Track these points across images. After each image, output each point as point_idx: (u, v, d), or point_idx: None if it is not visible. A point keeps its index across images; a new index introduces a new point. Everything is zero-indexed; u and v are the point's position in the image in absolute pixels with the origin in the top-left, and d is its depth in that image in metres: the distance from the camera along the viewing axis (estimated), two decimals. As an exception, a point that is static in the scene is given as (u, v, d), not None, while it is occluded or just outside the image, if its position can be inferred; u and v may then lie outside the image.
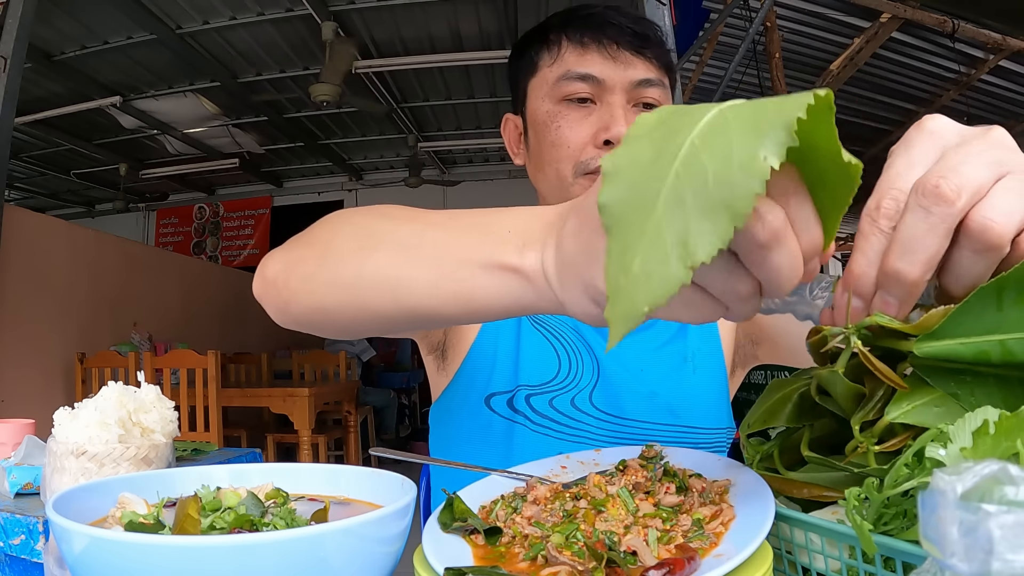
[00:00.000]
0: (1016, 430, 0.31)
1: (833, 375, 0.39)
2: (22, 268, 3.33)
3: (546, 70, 0.85)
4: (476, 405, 0.86)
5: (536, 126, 0.86)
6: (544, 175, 0.85)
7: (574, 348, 0.88)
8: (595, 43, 0.82)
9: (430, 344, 0.90)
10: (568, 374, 0.87)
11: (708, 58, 4.44)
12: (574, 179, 0.82)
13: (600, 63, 0.81)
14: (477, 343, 0.88)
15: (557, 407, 0.85)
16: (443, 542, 0.44)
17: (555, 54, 0.84)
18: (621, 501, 0.46)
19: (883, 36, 4.10)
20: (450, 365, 0.89)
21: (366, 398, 5.51)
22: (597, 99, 0.82)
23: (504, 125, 0.95)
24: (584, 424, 0.85)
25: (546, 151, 0.84)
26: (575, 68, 0.82)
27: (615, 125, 0.79)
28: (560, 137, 0.82)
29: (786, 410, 0.47)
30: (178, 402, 1.87)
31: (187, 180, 7.50)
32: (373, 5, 4.25)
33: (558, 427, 0.84)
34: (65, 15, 4.14)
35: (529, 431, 0.84)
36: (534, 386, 0.85)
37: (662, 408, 0.87)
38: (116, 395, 0.74)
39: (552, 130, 0.82)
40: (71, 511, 0.38)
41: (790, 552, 0.43)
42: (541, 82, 0.86)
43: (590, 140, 0.81)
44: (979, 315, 0.34)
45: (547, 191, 0.87)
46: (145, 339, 4.28)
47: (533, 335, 0.88)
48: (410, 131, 6.21)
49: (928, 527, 0.22)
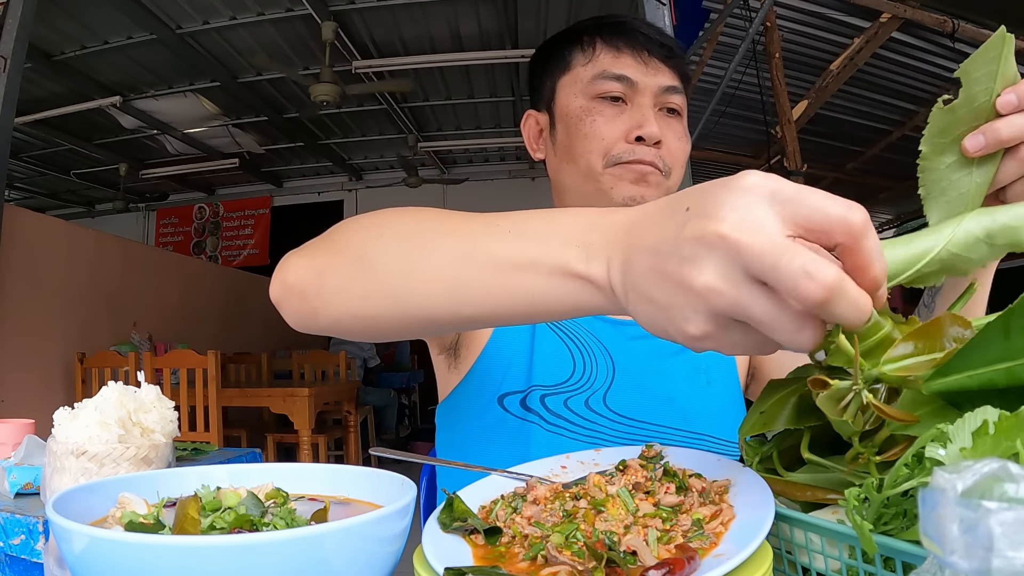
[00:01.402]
0: (1016, 430, 0.31)
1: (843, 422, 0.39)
2: (22, 268, 3.33)
3: (580, 69, 0.90)
4: (488, 404, 0.87)
5: (568, 119, 0.90)
6: (574, 166, 0.89)
7: (588, 350, 0.90)
8: (629, 48, 0.88)
9: (442, 344, 0.91)
10: (583, 375, 0.88)
11: (708, 58, 4.44)
12: (603, 169, 0.86)
13: (633, 66, 0.87)
14: (492, 342, 0.89)
15: (572, 407, 0.86)
16: (443, 542, 0.44)
17: (590, 55, 0.90)
18: (621, 501, 0.46)
19: (883, 36, 4.10)
20: (462, 364, 0.90)
21: (366, 398, 5.51)
22: (628, 99, 0.88)
23: (524, 121, 0.99)
24: (598, 425, 0.86)
25: (578, 143, 0.88)
26: (611, 68, 0.87)
27: (648, 124, 0.85)
28: (595, 130, 0.87)
29: (784, 413, 0.47)
30: (178, 402, 1.87)
31: (187, 180, 7.51)
32: (373, 5, 4.25)
33: (572, 427, 0.85)
34: (65, 15, 4.15)
35: (543, 431, 0.85)
36: (549, 386, 0.87)
37: (677, 413, 0.89)
38: (116, 395, 0.74)
39: (587, 123, 0.87)
40: (71, 511, 0.38)
41: (790, 552, 0.43)
42: (574, 79, 0.90)
43: (622, 136, 0.86)
44: (986, 348, 0.35)
45: (572, 181, 0.91)
46: (145, 339, 4.28)
47: (548, 336, 0.90)
48: (410, 131, 6.21)
49: (928, 525, 0.22)
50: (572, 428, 0.85)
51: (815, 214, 0.32)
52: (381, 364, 6.33)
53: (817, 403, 0.39)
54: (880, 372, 0.36)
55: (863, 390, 0.37)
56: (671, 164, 0.88)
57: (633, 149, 0.85)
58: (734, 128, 5.34)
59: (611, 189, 0.86)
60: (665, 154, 0.87)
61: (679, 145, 0.89)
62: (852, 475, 0.41)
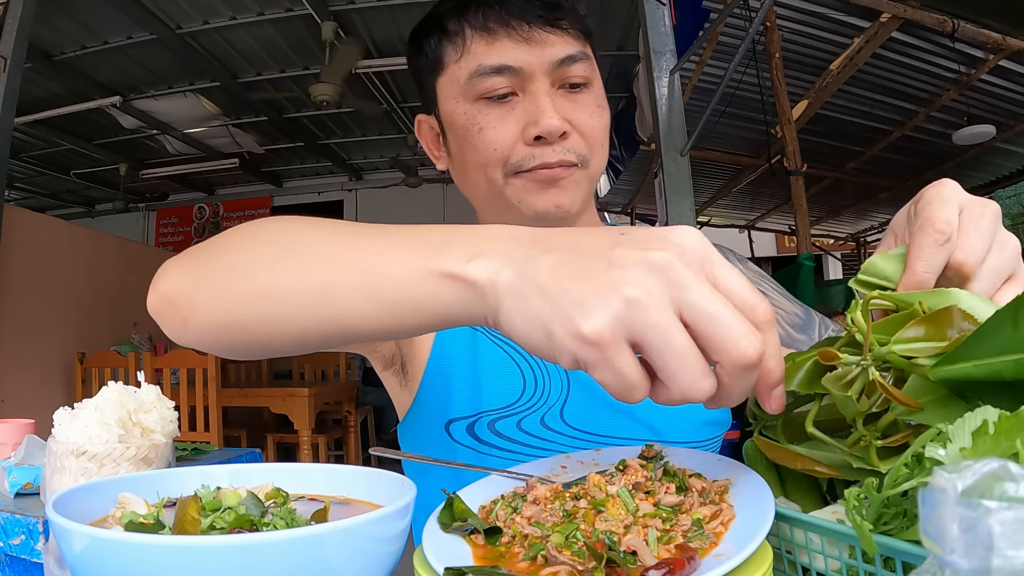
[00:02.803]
0: (1016, 430, 0.31)
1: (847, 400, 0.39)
2: (22, 268, 3.33)
3: (454, 67, 0.75)
4: (438, 432, 0.78)
5: (455, 130, 0.77)
6: (472, 182, 0.78)
7: (539, 363, 0.80)
8: (502, 26, 0.72)
9: (383, 359, 0.83)
10: (535, 391, 0.79)
11: (708, 58, 4.44)
12: (505, 180, 0.74)
13: (513, 49, 0.72)
14: (432, 360, 0.80)
15: (526, 429, 0.77)
16: (443, 542, 0.44)
17: (460, 47, 0.75)
18: (621, 501, 0.46)
19: (883, 36, 4.10)
20: (411, 382, 0.82)
21: (366, 398, 5.50)
22: (518, 90, 0.73)
23: (418, 128, 0.86)
24: (556, 444, 0.77)
25: (470, 156, 0.75)
26: (486, 61, 0.72)
27: (543, 117, 0.71)
28: (484, 140, 0.73)
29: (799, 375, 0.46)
30: (178, 402, 1.87)
31: (187, 180, 7.50)
32: (373, 5, 4.25)
33: (529, 450, 0.77)
34: (65, 15, 4.14)
35: (499, 460, 0.76)
36: (498, 409, 0.77)
37: (638, 423, 0.79)
38: (116, 395, 0.74)
39: (474, 133, 0.74)
40: (71, 511, 0.38)
41: (790, 552, 0.43)
42: (450, 81, 0.76)
43: (518, 137, 0.73)
44: (994, 336, 0.34)
45: (478, 197, 0.80)
46: (145, 339, 4.28)
47: (492, 351, 0.80)
48: (410, 131, 6.21)
49: (928, 524, 0.22)
50: (529, 452, 0.76)
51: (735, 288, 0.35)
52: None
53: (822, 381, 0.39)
54: (889, 350, 0.36)
55: (871, 366, 0.37)
56: (586, 150, 0.74)
57: (533, 153, 0.72)
58: (734, 128, 5.34)
59: (519, 203, 0.74)
60: (575, 142, 0.73)
61: (592, 123, 0.74)
62: (851, 456, 0.41)
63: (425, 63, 0.80)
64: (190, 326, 0.50)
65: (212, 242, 0.53)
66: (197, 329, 0.50)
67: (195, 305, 0.50)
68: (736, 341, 0.33)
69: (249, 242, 0.50)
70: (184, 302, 0.50)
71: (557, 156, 0.72)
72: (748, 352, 0.33)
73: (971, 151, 5.86)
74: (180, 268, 0.53)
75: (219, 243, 0.52)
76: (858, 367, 0.37)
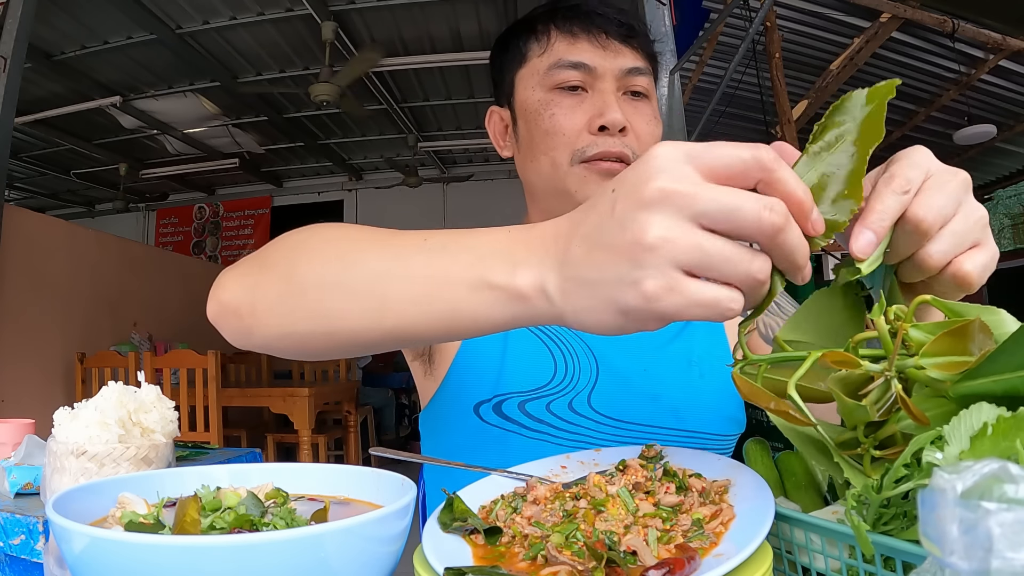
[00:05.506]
0: (1014, 431, 0.31)
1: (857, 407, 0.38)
2: (22, 268, 3.33)
3: (536, 60, 0.85)
4: (465, 413, 0.83)
5: (527, 115, 0.85)
6: (537, 164, 0.84)
7: (570, 349, 0.86)
8: (585, 32, 0.83)
9: (414, 350, 0.88)
10: (565, 376, 0.84)
11: (708, 58, 4.44)
12: (570, 166, 0.81)
13: (590, 51, 0.82)
14: (463, 348, 0.85)
15: (555, 411, 0.82)
16: (443, 542, 0.44)
17: (544, 44, 0.85)
18: (621, 501, 0.46)
19: (883, 36, 4.10)
20: (438, 370, 0.87)
21: (366, 398, 5.51)
22: (588, 87, 0.83)
23: (489, 118, 0.94)
24: (583, 428, 0.81)
25: (539, 140, 0.83)
26: (566, 56, 0.82)
27: (609, 111, 0.79)
28: (555, 125, 0.82)
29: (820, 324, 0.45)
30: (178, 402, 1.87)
31: (187, 180, 7.51)
32: (373, 5, 4.25)
33: (555, 432, 0.81)
34: (65, 15, 4.14)
35: (524, 439, 0.81)
36: (528, 391, 0.82)
37: (666, 411, 0.84)
38: (116, 395, 0.74)
39: (546, 118, 0.82)
40: (71, 511, 0.38)
41: (790, 552, 0.43)
42: (531, 72, 0.86)
43: (584, 127, 0.81)
44: (1014, 352, 0.34)
45: (539, 181, 0.86)
46: (145, 339, 4.28)
47: (526, 338, 0.85)
48: (410, 131, 6.21)
49: (928, 525, 0.22)
50: (555, 433, 0.81)
51: (731, 160, 0.35)
52: (372, 363, 6.33)
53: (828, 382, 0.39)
54: (916, 363, 0.36)
55: (894, 378, 0.36)
56: (641, 151, 0.80)
57: (596, 141, 0.80)
58: (734, 128, 5.34)
59: (576, 192, 0.81)
60: (632, 141, 0.81)
61: (648, 129, 0.83)
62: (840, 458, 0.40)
63: (508, 58, 0.89)
64: (256, 335, 0.54)
65: (265, 250, 0.56)
66: (263, 338, 0.54)
67: (258, 315, 0.53)
68: (758, 218, 0.34)
69: (302, 250, 0.53)
70: (247, 312, 0.53)
71: (617, 148, 0.79)
72: (772, 220, 0.34)
73: (971, 151, 5.86)
74: (239, 277, 0.55)
75: (272, 251, 0.55)
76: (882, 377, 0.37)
